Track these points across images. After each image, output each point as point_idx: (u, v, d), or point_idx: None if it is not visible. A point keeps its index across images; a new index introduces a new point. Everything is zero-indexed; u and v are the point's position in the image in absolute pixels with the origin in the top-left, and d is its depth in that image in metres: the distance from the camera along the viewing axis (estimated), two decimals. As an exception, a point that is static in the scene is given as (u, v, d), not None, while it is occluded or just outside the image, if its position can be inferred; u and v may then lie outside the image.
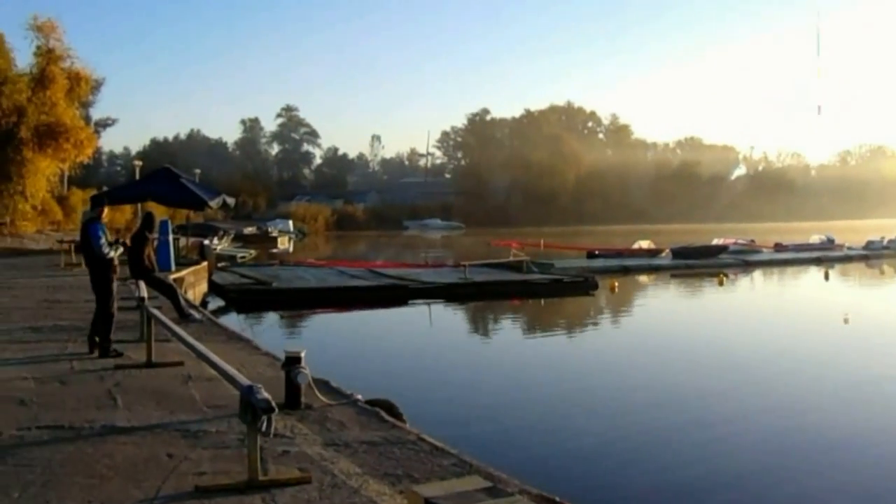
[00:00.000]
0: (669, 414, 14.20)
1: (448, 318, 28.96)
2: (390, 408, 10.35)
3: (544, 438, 12.60)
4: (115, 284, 13.09)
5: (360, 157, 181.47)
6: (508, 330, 26.52)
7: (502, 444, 11.77)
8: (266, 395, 6.61)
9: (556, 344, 23.62)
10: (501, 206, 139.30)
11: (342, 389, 10.57)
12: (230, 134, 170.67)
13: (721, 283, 38.66)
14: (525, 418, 13.72)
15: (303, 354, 9.49)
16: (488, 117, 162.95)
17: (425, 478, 7.18)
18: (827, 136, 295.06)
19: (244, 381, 7.06)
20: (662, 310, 32.13)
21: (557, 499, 6.78)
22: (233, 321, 23.00)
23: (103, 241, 12.73)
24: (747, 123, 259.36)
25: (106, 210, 13.55)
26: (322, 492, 6.79)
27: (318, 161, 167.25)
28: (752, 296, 38.67)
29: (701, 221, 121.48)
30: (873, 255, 57.88)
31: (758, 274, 46.55)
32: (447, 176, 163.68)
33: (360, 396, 10.29)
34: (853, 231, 75.51)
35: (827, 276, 43.83)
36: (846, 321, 25.74)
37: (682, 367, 18.83)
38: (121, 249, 13.58)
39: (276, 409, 6.65)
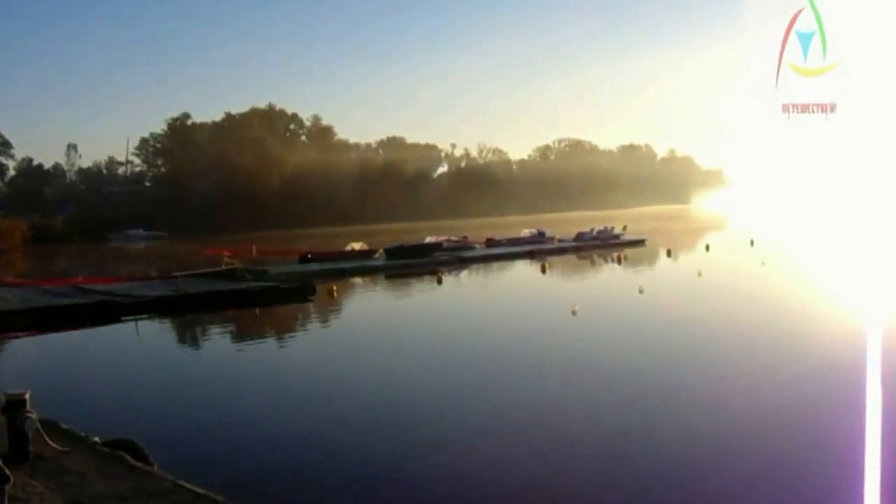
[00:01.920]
0: (411, 421, 14.11)
1: (166, 336, 27.62)
2: (133, 448, 9.24)
3: (298, 462, 11.86)
4: None
5: (56, 167, 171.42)
6: (232, 345, 25.43)
7: (260, 476, 10.90)
8: (-2, 459, 5.46)
9: (287, 356, 23.04)
10: (207, 212, 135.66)
11: (75, 431, 9.37)
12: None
13: (440, 282, 39.13)
14: (274, 442, 12.89)
15: (27, 396, 8.27)
16: (189, 122, 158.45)
17: (197, 536, 6.24)
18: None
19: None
20: (391, 311, 32.16)
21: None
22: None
23: None
24: (449, 124, 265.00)
25: None
26: (77, 569, 5.70)
27: (11, 173, 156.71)
28: (471, 291, 39.47)
29: (408, 220, 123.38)
30: (584, 245, 60.67)
31: (474, 270, 47.52)
32: (147, 184, 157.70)
33: (96, 438, 9.14)
34: (563, 223, 78.93)
35: (544, 270, 44.86)
36: (574, 313, 26.16)
37: (431, 367, 19.14)
38: None
39: (12, 479, 5.49)
